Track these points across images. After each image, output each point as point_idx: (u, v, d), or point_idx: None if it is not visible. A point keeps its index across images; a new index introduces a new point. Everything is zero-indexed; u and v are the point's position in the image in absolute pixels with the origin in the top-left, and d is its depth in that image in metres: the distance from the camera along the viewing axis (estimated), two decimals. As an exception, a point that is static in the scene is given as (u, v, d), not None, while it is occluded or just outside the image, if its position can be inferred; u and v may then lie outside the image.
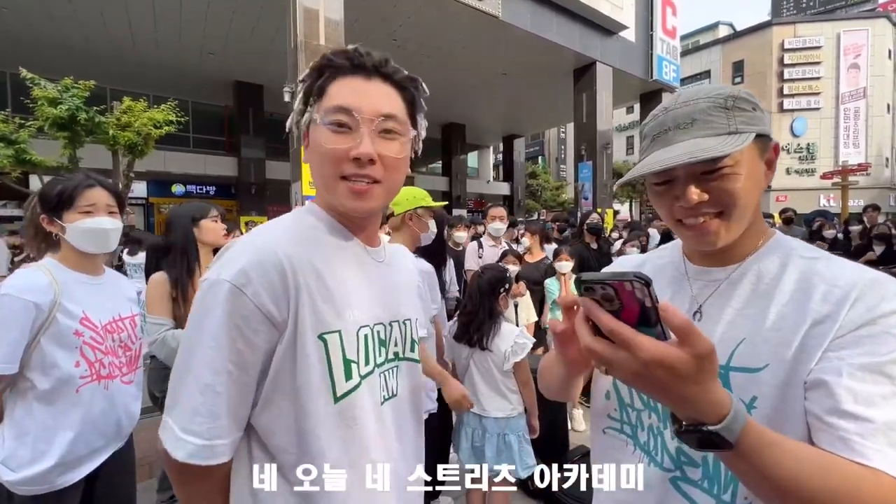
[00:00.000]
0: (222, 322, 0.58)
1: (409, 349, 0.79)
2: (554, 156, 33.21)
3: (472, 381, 1.96)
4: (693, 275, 0.68)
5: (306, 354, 0.62)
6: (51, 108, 5.16)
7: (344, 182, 0.66)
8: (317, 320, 0.63)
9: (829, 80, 22.24)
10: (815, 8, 30.27)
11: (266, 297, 0.59)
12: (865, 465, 0.46)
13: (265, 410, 0.63)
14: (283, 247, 0.62)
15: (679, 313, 0.41)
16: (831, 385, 0.50)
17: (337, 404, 0.63)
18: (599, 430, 0.76)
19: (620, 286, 0.42)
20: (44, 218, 1.21)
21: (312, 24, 6.35)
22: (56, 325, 1.13)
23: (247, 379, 0.61)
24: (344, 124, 0.65)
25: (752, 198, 0.60)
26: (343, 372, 0.64)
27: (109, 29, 9.08)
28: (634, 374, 0.43)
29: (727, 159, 0.56)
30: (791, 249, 0.62)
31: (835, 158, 21.41)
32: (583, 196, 11.59)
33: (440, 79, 11.95)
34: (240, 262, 0.60)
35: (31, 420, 1.12)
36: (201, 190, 13.80)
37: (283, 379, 0.62)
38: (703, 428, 0.43)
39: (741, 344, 0.59)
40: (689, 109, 0.59)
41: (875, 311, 0.51)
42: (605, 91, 11.35)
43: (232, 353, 0.59)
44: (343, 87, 0.67)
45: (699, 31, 31.83)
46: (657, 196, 0.64)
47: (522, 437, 1.90)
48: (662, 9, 12.33)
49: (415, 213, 1.88)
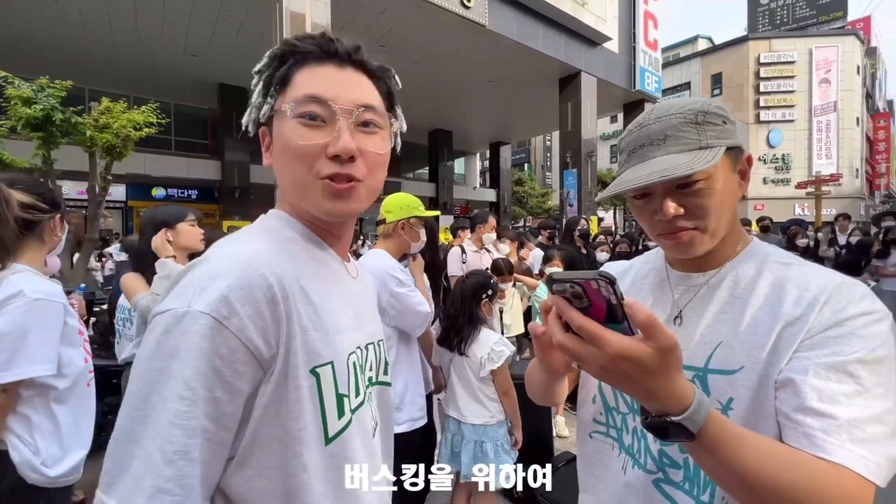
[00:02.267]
0: (198, 366, 0.45)
1: (382, 372, 0.71)
2: (540, 163, 33.63)
3: (452, 385, 1.96)
4: (675, 281, 0.70)
5: (298, 395, 0.51)
6: (25, 108, 4.98)
7: (321, 182, 0.56)
8: (308, 352, 0.52)
9: (802, 94, 23.12)
10: (788, 24, 31.49)
11: (253, 330, 0.48)
12: (828, 461, 0.47)
13: (241, 470, 0.50)
14: (270, 265, 0.51)
15: (643, 309, 0.42)
16: (798, 384, 0.51)
17: (328, 447, 0.54)
18: (586, 434, 0.76)
19: (587, 284, 0.44)
20: (58, 219, 1.26)
21: (299, 28, 6.31)
22: (67, 326, 1.19)
23: (224, 435, 0.47)
24: (317, 116, 0.55)
25: (726, 209, 0.62)
26: (336, 408, 0.55)
27: (88, 28, 8.88)
28: (602, 368, 0.45)
29: (700, 174, 0.58)
30: (767, 255, 0.64)
31: (809, 169, 22.23)
32: (568, 203, 11.76)
33: (427, 85, 12.01)
34: (219, 287, 0.47)
35: (54, 420, 1.17)
36: (183, 193, 13.52)
37: (266, 428, 0.50)
38: (667, 419, 0.45)
39: (718, 347, 0.60)
40: (662, 126, 0.61)
41: (841, 314, 0.53)
42: (589, 100, 11.57)
43: (208, 405, 0.46)
44: (313, 75, 0.57)
45: (679, 44, 32.79)
46: (638, 210, 0.66)
47: (500, 447, 1.87)
48: (644, 21, 12.68)
49: (407, 223, 1.85)
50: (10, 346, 1.04)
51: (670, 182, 0.58)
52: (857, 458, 0.47)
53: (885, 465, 0.48)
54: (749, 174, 0.65)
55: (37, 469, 1.11)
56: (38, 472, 1.11)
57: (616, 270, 0.82)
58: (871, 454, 0.47)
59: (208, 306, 0.46)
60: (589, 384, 0.77)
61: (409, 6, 8.14)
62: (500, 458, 1.85)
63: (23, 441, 1.10)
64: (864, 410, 0.49)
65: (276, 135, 0.58)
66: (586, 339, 0.45)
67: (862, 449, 0.47)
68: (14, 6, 7.99)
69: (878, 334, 0.51)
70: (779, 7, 32.37)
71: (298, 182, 0.57)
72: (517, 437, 1.92)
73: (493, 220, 3.84)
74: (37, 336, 1.08)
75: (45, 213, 1.22)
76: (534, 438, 2.38)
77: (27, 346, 1.06)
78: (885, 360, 0.51)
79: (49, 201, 1.24)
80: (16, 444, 1.09)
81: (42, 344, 1.10)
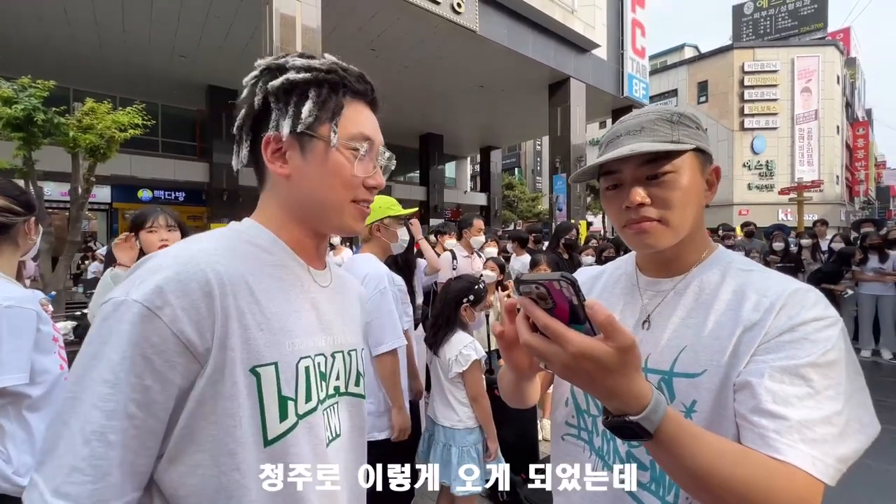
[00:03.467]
0: (125, 352, 0.47)
1: (353, 383, 0.71)
2: (530, 167, 33.87)
3: (432, 386, 1.97)
4: (644, 286, 0.72)
5: (234, 392, 0.52)
6: (5, 108, 4.88)
7: (353, 205, 0.65)
8: (249, 351, 0.53)
9: (785, 102, 23.66)
10: (771, 34, 32.27)
11: (186, 321, 0.49)
12: (780, 460, 0.49)
13: (174, 465, 0.51)
14: (212, 262, 0.53)
15: (602, 309, 0.44)
16: (755, 386, 0.53)
17: (267, 448, 0.54)
18: (558, 436, 0.78)
19: (551, 286, 0.45)
20: (32, 222, 1.22)
21: (289, 31, 6.30)
22: (40, 332, 1.16)
23: (154, 423, 0.49)
24: (362, 150, 0.63)
25: (690, 207, 0.64)
26: (277, 411, 0.55)
27: (73, 27, 8.73)
28: (565, 366, 0.46)
29: (668, 165, 0.61)
30: (730, 262, 0.66)
31: (791, 175, 22.73)
32: (557, 208, 11.85)
33: (418, 89, 12.04)
34: (155, 279, 0.50)
35: (27, 428, 1.13)
36: (170, 195, 13.31)
37: (200, 424, 0.51)
38: (625, 418, 0.46)
39: (683, 351, 0.62)
40: (639, 121, 0.65)
41: (795, 319, 0.55)
42: (578, 106, 11.71)
43: (136, 391, 0.47)
44: (359, 113, 0.65)
45: (666, 51, 33.36)
46: (608, 201, 0.68)
47: (466, 453, 1.84)
48: (632, 29, 12.88)
49: (381, 224, 1.86)
50: None
51: (642, 169, 0.62)
52: (806, 458, 0.49)
53: (833, 464, 0.50)
54: (716, 186, 0.68)
55: (8, 478, 1.08)
56: (9, 482, 1.08)
57: (589, 275, 0.84)
58: (821, 454, 0.49)
59: (143, 296, 0.49)
60: (562, 387, 0.78)
61: (400, 11, 8.17)
62: (463, 463, 1.82)
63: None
64: (814, 412, 0.51)
65: (317, 155, 0.62)
66: (550, 338, 0.46)
67: (812, 449, 0.49)
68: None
69: (829, 338, 0.54)
70: (762, 18, 33.16)
71: (336, 202, 0.63)
72: (489, 446, 1.87)
73: (478, 222, 3.82)
74: (8, 345, 1.05)
75: (19, 217, 1.19)
76: (520, 441, 2.38)
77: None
78: (836, 363, 0.53)
79: (24, 204, 1.21)
80: None
81: (13, 352, 1.07)
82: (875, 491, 2.48)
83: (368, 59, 10.25)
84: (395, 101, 12.89)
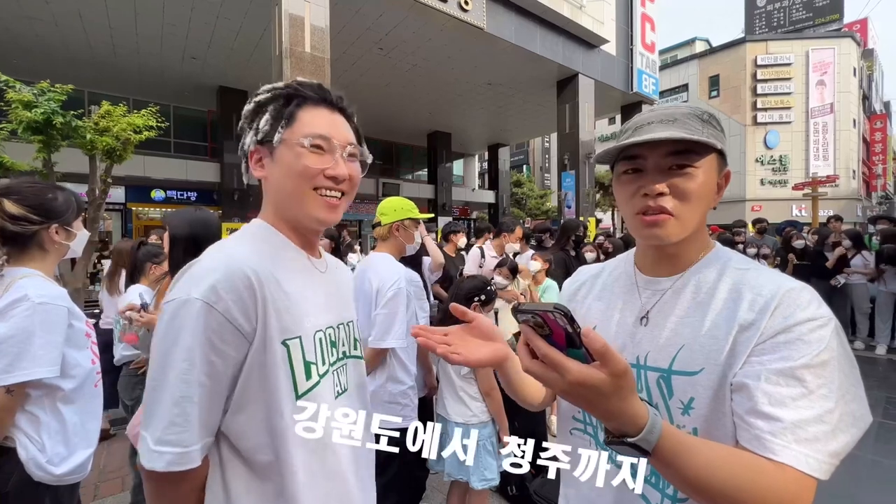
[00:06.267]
0: (196, 338, 0.63)
1: (353, 348, 0.87)
2: (538, 165, 33.68)
3: (441, 383, 1.99)
4: (642, 284, 0.74)
5: (273, 361, 0.68)
6: (25, 112, 5.01)
7: (315, 193, 0.74)
8: (281, 328, 0.69)
9: (799, 96, 23.18)
10: (785, 26, 31.57)
11: (237, 311, 0.65)
12: (774, 461, 0.52)
13: (236, 415, 0.68)
14: (248, 262, 0.68)
15: (598, 338, 0.46)
16: (751, 388, 0.56)
17: (298, 401, 0.70)
18: (566, 431, 0.81)
19: (546, 315, 0.48)
20: (56, 227, 1.25)
21: (298, 31, 6.35)
22: (73, 329, 1.22)
23: (219, 388, 0.66)
24: (321, 147, 0.74)
25: (702, 204, 0.66)
26: (304, 372, 0.72)
27: (88, 31, 8.91)
28: (564, 392, 0.50)
29: (695, 161, 0.64)
30: (727, 261, 0.68)
31: (805, 170, 22.26)
32: (566, 205, 11.79)
33: (426, 87, 12.06)
34: (209, 280, 0.64)
35: (60, 419, 1.20)
36: (182, 196, 13.53)
37: (252, 384, 0.68)
38: (625, 440, 0.50)
39: (681, 349, 0.64)
40: (673, 111, 0.67)
41: (790, 320, 0.57)
42: (587, 102, 11.61)
43: (205, 366, 0.63)
44: (316, 116, 0.76)
45: (677, 46, 32.86)
46: (622, 185, 0.69)
47: (482, 447, 1.87)
48: (642, 24, 12.72)
49: (402, 224, 1.91)
50: (15, 348, 1.07)
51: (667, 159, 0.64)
52: (799, 457, 0.52)
53: (825, 459, 0.52)
54: (724, 190, 0.70)
55: (42, 467, 1.14)
56: (43, 470, 1.14)
57: (589, 273, 0.87)
58: (813, 451, 0.52)
59: (202, 294, 0.63)
60: None
61: (408, 9, 8.18)
62: (480, 458, 1.85)
63: (30, 439, 1.14)
64: (807, 412, 0.53)
65: (281, 157, 0.74)
66: (549, 366, 0.50)
67: (805, 447, 0.52)
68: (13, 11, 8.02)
69: (822, 339, 0.56)
70: (775, 9, 32.47)
71: (297, 193, 0.74)
72: (502, 437, 1.91)
73: (520, 230, 3.89)
74: (41, 339, 1.11)
75: (36, 225, 1.20)
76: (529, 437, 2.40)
77: (31, 349, 1.09)
78: (828, 363, 0.55)
79: (43, 212, 1.22)
80: (24, 441, 1.13)
81: (46, 347, 1.12)
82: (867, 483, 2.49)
83: (376, 58, 10.29)
84: (402, 99, 12.92)
